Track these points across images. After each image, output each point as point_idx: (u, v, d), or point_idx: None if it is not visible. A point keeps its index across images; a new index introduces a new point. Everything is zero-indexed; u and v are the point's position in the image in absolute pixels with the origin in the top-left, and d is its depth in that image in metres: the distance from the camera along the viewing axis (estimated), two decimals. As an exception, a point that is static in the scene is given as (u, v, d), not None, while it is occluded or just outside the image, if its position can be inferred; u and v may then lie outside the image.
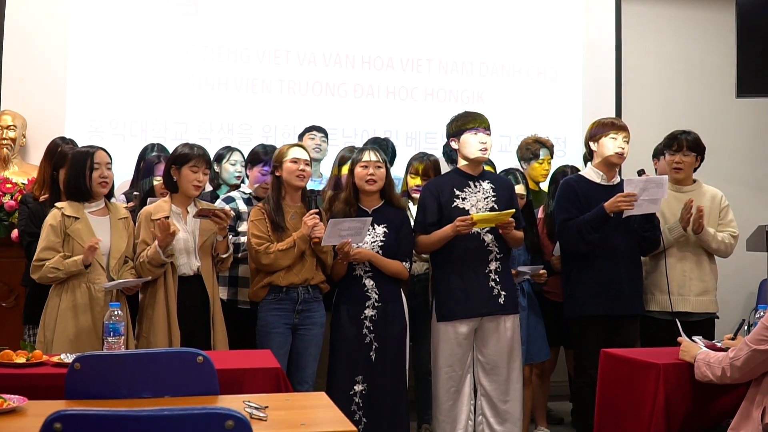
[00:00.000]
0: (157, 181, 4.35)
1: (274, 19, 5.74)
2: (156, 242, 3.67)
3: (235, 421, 1.66)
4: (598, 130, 4.17)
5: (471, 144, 4.06)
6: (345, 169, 4.40)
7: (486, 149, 4.07)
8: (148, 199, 4.15)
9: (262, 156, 4.39)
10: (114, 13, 5.49)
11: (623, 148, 4.14)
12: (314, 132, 5.14)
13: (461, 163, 4.15)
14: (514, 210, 3.98)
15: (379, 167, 4.03)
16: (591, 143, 4.20)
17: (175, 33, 5.59)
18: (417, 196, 4.57)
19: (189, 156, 3.82)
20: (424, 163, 4.59)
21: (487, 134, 4.08)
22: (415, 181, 4.59)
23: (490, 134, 4.12)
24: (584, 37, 6.24)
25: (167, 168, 3.88)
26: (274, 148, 4.45)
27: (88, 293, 3.59)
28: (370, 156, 4.03)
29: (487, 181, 4.13)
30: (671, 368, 3.16)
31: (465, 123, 4.09)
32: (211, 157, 4.84)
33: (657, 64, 6.52)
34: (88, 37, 5.45)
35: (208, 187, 4.82)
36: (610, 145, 4.12)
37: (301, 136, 5.15)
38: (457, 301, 4.03)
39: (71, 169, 3.71)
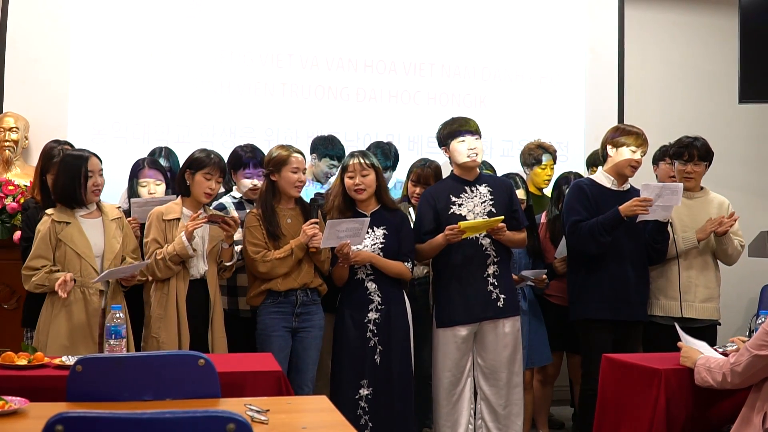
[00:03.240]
0: (143, 186, 4.30)
1: (276, 23, 5.75)
2: (183, 234, 3.67)
3: (236, 424, 1.66)
4: (620, 139, 4.16)
5: (459, 151, 4.07)
6: None
7: (476, 153, 4.07)
8: (131, 200, 4.13)
9: (244, 159, 4.33)
10: (116, 15, 5.49)
11: (640, 162, 4.15)
12: (335, 161, 4.86)
13: (456, 169, 4.16)
14: (503, 216, 3.98)
15: (365, 175, 4.00)
16: (609, 147, 4.19)
17: (177, 36, 5.59)
18: (417, 202, 4.56)
19: (204, 162, 3.83)
20: (423, 170, 4.57)
21: (476, 138, 4.08)
22: (415, 189, 4.58)
23: (480, 137, 4.11)
24: (587, 42, 6.24)
25: (182, 171, 3.89)
26: (252, 146, 4.40)
27: (83, 297, 3.58)
28: (354, 164, 4.01)
29: (484, 185, 4.14)
30: (672, 374, 3.17)
31: (451, 130, 4.10)
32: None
33: (660, 70, 6.52)
34: (91, 40, 5.46)
35: (221, 189, 4.81)
36: (627, 156, 4.13)
37: (320, 154, 4.92)
38: (456, 307, 4.04)
39: (63, 175, 3.65)
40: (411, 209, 4.49)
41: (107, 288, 3.66)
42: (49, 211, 3.66)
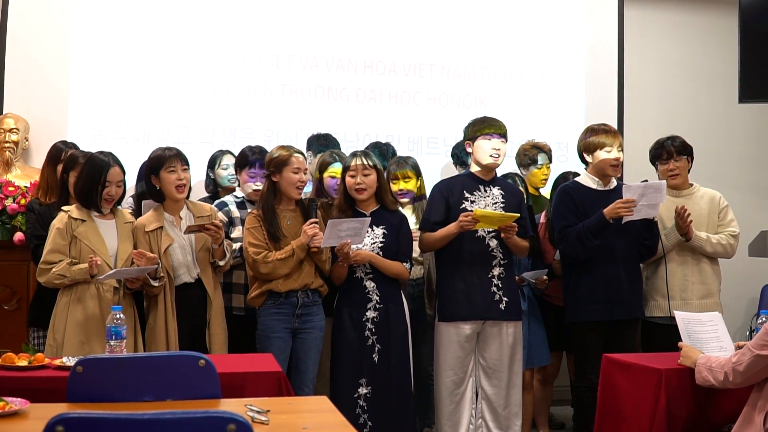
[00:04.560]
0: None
1: (276, 23, 5.74)
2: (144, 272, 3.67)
3: (237, 424, 1.66)
4: (592, 142, 4.17)
5: (484, 150, 4.09)
6: (327, 173, 4.38)
7: (498, 156, 4.10)
8: (143, 202, 4.14)
9: (250, 158, 4.33)
10: (116, 15, 5.49)
11: (619, 159, 4.16)
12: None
13: (474, 167, 4.18)
14: (518, 214, 3.99)
15: (367, 174, 4.01)
16: (585, 155, 4.22)
17: (177, 36, 5.59)
18: (404, 200, 4.55)
19: (162, 159, 3.83)
20: (401, 167, 4.57)
21: (501, 141, 4.12)
22: (397, 186, 4.55)
23: (506, 141, 4.15)
24: (587, 41, 6.24)
25: (147, 179, 3.88)
26: (260, 148, 4.41)
27: (97, 295, 3.61)
28: (357, 164, 4.02)
29: (497, 187, 4.16)
30: (673, 373, 3.17)
31: (481, 128, 4.13)
32: (207, 161, 4.85)
33: (660, 69, 6.52)
34: (91, 40, 5.45)
35: (205, 194, 4.80)
36: (604, 157, 4.14)
37: (316, 150, 4.97)
38: (458, 303, 4.05)
39: (84, 178, 3.70)
40: (399, 207, 4.48)
41: (121, 285, 3.68)
42: (66, 207, 3.72)
